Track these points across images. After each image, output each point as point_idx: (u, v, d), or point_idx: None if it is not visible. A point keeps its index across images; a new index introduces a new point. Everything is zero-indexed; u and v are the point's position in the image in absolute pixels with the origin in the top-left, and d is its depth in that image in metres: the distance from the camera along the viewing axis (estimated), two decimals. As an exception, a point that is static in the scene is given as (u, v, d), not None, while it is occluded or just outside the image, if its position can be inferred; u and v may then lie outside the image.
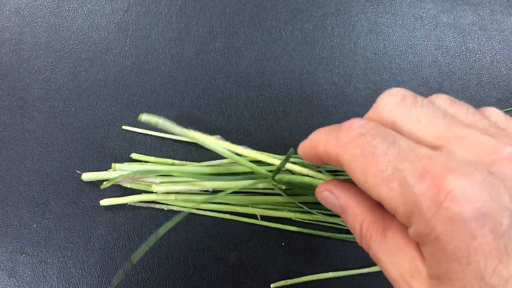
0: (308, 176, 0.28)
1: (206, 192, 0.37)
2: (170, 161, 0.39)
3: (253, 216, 0.38)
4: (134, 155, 0.39)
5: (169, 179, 0.37)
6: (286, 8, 0.43)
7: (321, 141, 0.22)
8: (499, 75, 0.44)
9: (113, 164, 0.37)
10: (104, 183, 0.35)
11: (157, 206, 0.38)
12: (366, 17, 0.44)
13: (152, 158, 0.39)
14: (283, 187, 0.36)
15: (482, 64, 0.44)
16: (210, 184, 0.35)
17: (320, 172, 0.28)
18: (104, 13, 0.41)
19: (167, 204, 0.38)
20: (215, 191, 0.37)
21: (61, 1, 0.41)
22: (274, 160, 0.30)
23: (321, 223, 0.38)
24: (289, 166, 0.28)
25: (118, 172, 0.36)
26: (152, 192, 0.37)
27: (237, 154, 0.30)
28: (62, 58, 0.41)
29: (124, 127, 0.40)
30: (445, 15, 0.45)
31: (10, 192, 0.39)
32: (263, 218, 0.38)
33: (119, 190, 0.38)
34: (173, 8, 0.42)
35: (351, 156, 0.19)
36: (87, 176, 0.38)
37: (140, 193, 0.37)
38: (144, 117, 0.26)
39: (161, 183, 0.36)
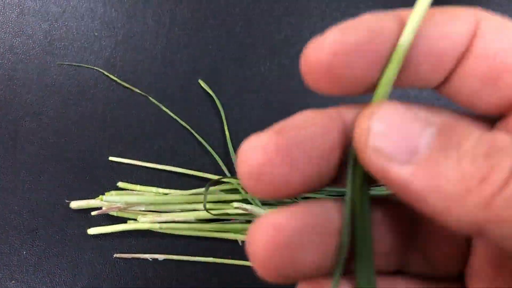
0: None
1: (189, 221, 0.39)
2: (154, 189, 0.41)
3: (235, 242, 0.40)
4: (120, 184, 0.41)
5: (154, 208, 0.39)
6: (265, 46, 0.46)
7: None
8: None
9: (100, 196, 0.39)
10: (93, 212, 0.38)
11: (142, 256, 0.40)
12: (340, 52, 0.47)
13: (138, 187, 0.41)
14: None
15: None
16: (192, 215, 0.38)
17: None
18: (93, 50, 0.44)
19: (151, 253, 0.40)
20: (198, 220, 0.40)
21: (53, 40, 0.44)
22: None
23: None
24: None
25: (105, 201, 0.38)
26: (137, 220, 0.39)
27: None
28: (53, 92, 0.43)
29: (111, 158, 0.42)
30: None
31: (0, 220, 0.41)
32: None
33: (106, 217, 0.40)
34: (158, 46, 0.44)
35: None
36: (75, 205, 0.40)
37: (126, 222, 0.39)
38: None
39: (146, 214, 0.39)
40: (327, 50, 0.12)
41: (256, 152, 0.12)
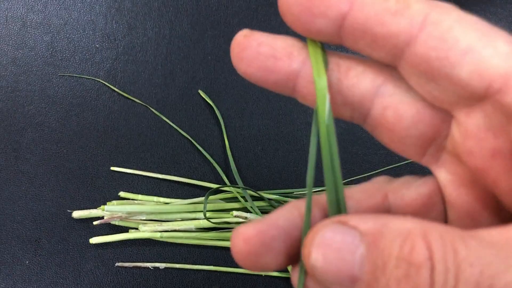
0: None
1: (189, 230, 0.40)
2: (155, 198, 0.41)
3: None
4: (122, 193, 0.42)
5: (155, 217, 0.40)
6: (263, 55, 0.46)
7: None
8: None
9: (102, 206, 0.39)
10: (95, 222, 0.38)
11: (143, 264, 0.40)
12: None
13: (139, 196, 0.42)
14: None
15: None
16: (192, 224, 0.38)
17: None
18: (94, 62, 0.45)
19: (152, 262, 0.40)
20: (198, 229, 0.40)
21: (55, 51, 0.45)
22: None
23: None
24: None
25: (107, 211, 0.39)
26: (138, 229, 0.40)
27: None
28: (55, 103, 0.44)
29: (112, 168, 0.42)
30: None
31: (3, 230, 0.41)
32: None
33: (108, 226, 0.41)
34: (158, 57, 0.45)
35: None
36: (77, 214, 0.40)
37: (127, 231, 0.40)
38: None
39: (147, 223, 0.39)
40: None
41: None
